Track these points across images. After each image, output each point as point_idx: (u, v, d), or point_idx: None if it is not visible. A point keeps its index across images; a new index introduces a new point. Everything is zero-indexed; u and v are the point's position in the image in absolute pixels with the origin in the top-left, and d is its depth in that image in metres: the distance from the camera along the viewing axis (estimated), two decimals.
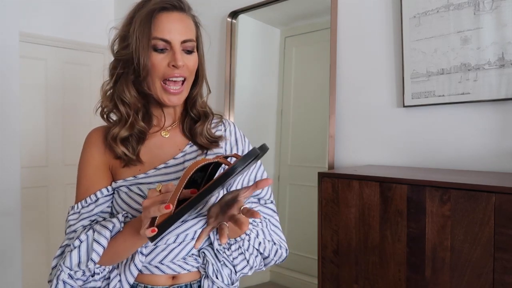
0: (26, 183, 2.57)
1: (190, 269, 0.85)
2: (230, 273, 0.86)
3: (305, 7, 1.99)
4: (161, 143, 0.90)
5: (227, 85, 2.20)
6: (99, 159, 0.87)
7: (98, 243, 0.77)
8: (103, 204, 0.86)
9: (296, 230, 1.98)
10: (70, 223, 0.85)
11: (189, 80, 0.87)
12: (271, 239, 0.89)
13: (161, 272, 0.84)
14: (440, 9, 1.43)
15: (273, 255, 0.89)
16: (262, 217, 0.90)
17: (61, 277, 0.79)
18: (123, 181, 0.86)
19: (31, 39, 2.61)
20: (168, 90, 0.84)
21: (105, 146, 0.88)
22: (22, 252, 2.48)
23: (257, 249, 0.87)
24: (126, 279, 0.82)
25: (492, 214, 0.96)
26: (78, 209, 0.85)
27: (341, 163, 1.72)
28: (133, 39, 0.83)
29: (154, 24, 0.82)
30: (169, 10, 0.84)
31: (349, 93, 1.71)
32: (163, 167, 0.87)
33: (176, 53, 0.82)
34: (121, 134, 0.84)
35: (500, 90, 1.30)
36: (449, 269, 1.04)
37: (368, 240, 1.20)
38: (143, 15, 0.83)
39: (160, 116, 0.92)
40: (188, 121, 0.93)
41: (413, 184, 1.10)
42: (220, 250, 0.87)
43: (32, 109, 2.65)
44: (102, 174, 0.87)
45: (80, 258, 0.78)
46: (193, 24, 0.89)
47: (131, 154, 0.84)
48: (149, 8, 0.83)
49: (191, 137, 0.92)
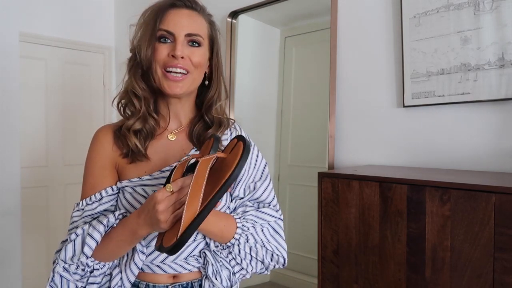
0: (26, 183, 2.57)
1: (191, 269, 0.86)
2: (229, 274, 0.86)
3: (305, 7, 1.99)
4: (167, 146, 0.90)
5: (227, 85, 2.20)
6: (106, 157, 0.88)
7: (92, 237, 0.78)
8: (107, 203, 0.86)
9: (296, 230, 1.98)
10: (73, 219, 0.86)
11: (194, 75, 0.87)
12: (263, 244, 0.86)
13: (162, 271, 0.85)
14: (440, 9, 1.43)
15: (269, 259, 0.88)
16: (253, 222, 0.87)
17: (56, 269, 0.80)
18: (128, 182, 0.86)
19: (31, 39, 2.61)
20: (168, 76, 0.84)
21: (113, 144, 0.88)
22: (22, 252, 2.47)
23: (249, 254, 0.86)
24: (127, 277, 0.82)
25: (492, 214, 0.96)
26: (82, 206, 0.86)
27: (341, 163, 1.72)
28: (139, 32, 0.85)
29: (162, 18, 0.84)
30: (179, 7, 0.86)
31: (349, 93, 1.71)
32: (168, 169, 0.87)
33: (177, 44, 0.83)
34: (135, 126, 0.86)
35: (500, 90, 1.30)
36: (449, 269, 1.04)
37: (368, 240, 1.20)
38: (154, 10, 0.86)
39: (166, 116, 0.92)
40: (200, 126, 0.92)
41: (413, 184, 1.10)
42: (217, 252, 0.87)
43: (32, 109, 2.65)
44: (108, 172, 0.87)
45: (75, 252, 0.79)
46: (204, 23, 0.89)
47: (141, 147, 0.85)
48: (160, 4, 0.86)
49: (197, 144, 0.90)
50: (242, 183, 0.91)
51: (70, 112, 2.84)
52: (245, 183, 0.92)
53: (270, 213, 0.90)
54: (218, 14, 2.29)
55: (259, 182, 0.93)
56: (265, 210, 0.90)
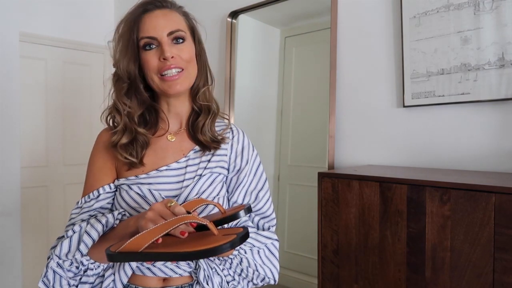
0: (26, 183, 2.57)
1: (182, 273, 0.85)
2: (221, 281, 0.86)
3: (305, 7, 1.99)
4: (166, 146, 0.91)
5: (227, 85, 2.20)
6: (105, 158, 0.90)
7: (89, 235, 0.78)
8: (104, 200, 0.87)
9: (296, 230, 1.98)
10: (71, 216, 0.87)
11: (188, 70, 0.88)
12: (256, 269, 0.87)
13: (152, 274, 0.84)
14: (440, 9, 1.43)
15: (259, 281, 0.89)
16: (251, 245, 0.87)
17: (50, 265, 0.80)
18: (125, 180, 0.87)
19: (31, 39, 2.61)
20: (166, 78, 0.85)
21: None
22: (22, 252, 2.47)
23: (238, 275, 0.87)
24: (120, 278, 0.82)
25: (492, 214, 0.96)
26: (81, 204, 0.87)
27: (341, 163, 1.72)
28: (118, 47, 0.87)
29: (138, 27, 0.85)
30: (151, 10, 0.87)
31: (349, 93, 1.71)
32: (165, 169, 0.87)
33: (163, 45, 0.84)
34: (121, 141, 0.87)
35: (500, 90, 1.30)
36: (449, 269, 1.04)
37: (368, 240, 1.20)
38: (127, 21, 0.87)
39: (165, 118, 0.93)
40: (193, 118, 0.93)
41: (413, 184, 1.10)
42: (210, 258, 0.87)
43: (32, 109, 2.65)
44: (107, 171, 0.89)
45: (70, 248, 0.79)
46: (180, 16, 0.90)
47: (133, 158, 0.86)
48: (132, 14, 0.86)
49: (193, 133, 0.92)
50: (241, 189, 0.92)
51: (70, 112, 2.84)
52: (245, 190, 0.92)
53: (269, 235, 0.91)
54: (218, 14, 2.29)
55: (261, 192, 0.94)
56: (264, 234, 0.91)
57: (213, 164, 0.90)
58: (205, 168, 0.89)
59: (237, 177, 0.92)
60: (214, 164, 0.91)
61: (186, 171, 0.88)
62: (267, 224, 0.94)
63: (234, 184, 0.92)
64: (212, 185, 0.89)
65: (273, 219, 0.96)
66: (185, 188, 0.86)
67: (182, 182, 0.87)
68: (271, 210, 0.95)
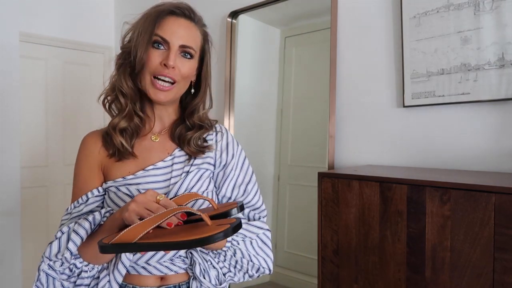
0: (26, 183, 2.57)
1: (177, 270, 0.86)
2: (218, 274, 0.87)
3: (305, 7, 1.99)
4: (151, 146, 0.92)
5: (227, 85, 2.20)
6: (92, 161, 0.90)
7: (77, 233, 0.79)
8: (93, 204, 0.88)
9: (296, 230, 1.98)
10: (61, 222, 0.88)
11: (180, 84, 0.89)
12: (250, 259, 0.88)
13: (148, 273, 0.84)
14: (440, 9, 1.43)
15: (254, 272, 0.89)
16: (243, 236, 0.88)
17: (41, 267, 0.80)
18: (112, 182, 0.88)
19: (31, 39, 2.61)
20: (156, 84, 0.86)
21: (100, 147, 0.91)
22: (22, 252, 2.47)
23: (233, 267, 0.88)
24: (115, 278, 0.82)
25: (492, 214, 0.96)
26: (70, 210, 0.88)
27: (341, 163, 1.72)
28: (136, 33, 0.86)
29: (159, 23, 0.85)
30: (178, 15, 0.88)
31: (349, 93, 1.71)
32: (151, 168, 0.88)
33: (170, 53, 0.85)
34: (120, 124, 0.88)
35: (500, 90, 1.30)
36: (449, 269, 1.04)
37: (368, 240, 1.20)
38: (152, 13, 0.87)
39: (151, 117, 0.94)
40: (182, 128, 0.94)
41: (413, 184, 1.10)
42: (205, 251, 0.87)
43: (32, 109, 2.65)
44: (95, 175, 0.90)
45: (59, 248, 0.79)
46: (199, 35, 0.91)
47: (127, 145, 0.87)
48: (160, 9, 0.87)
49: (179, 143, 0.92)
50: (228, 182, 0.93)
51: (70, 112, 2.84)
52: (233, 183, 0.93)
53: (260, 225, 0.92)
54: (218, 14, 2.29)
55: (250, 184, 0.95)
56: (255, 223, 0.92)
57: (199, 161, 0.91)
58: (192, 165, 0.90)
59: (223, 171, 0.93)
60: (201, 160, 0.91)
61: (172, 169, 0.89)
62: (258, 215, 0.95)
63: (221, 178, 0.93)
64: (200, 181, 0.89)
65: (263, 210, 0.97)
66: (173, 185, 0.87)
67: (170, 180, 0.88)
68: (260, 201, 0.96)
